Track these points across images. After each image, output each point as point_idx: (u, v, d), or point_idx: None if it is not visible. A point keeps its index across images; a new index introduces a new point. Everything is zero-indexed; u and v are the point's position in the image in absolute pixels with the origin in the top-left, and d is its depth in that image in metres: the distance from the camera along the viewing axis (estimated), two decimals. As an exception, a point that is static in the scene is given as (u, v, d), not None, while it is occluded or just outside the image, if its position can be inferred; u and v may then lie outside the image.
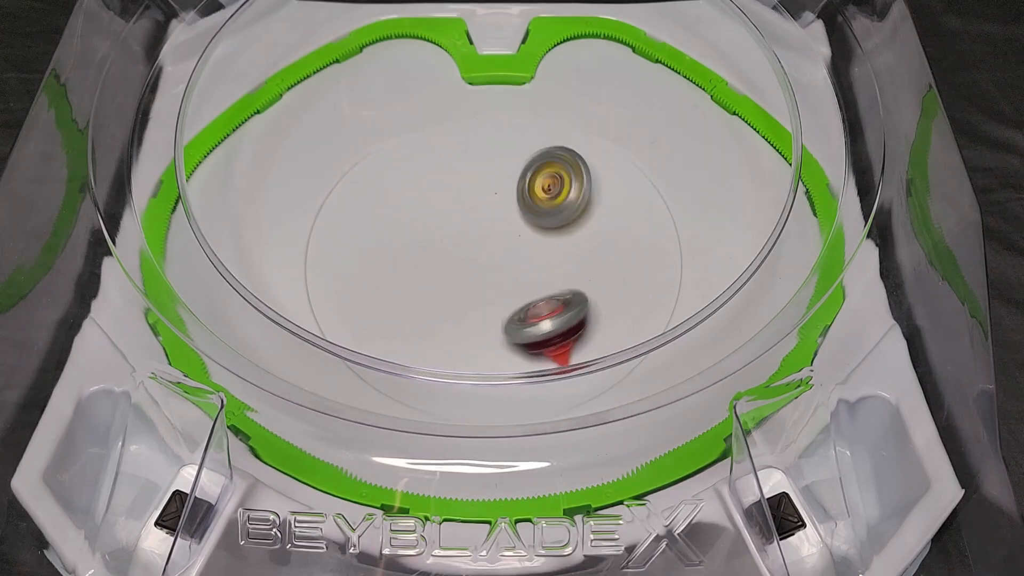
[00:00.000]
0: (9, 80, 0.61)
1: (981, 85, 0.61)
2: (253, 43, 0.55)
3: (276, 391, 0.40)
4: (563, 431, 0.39)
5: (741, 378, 0.40)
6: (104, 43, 0.51)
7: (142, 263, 0.45)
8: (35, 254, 0.45)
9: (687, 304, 0.46)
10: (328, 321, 0.46)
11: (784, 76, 0.49)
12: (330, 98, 0.55)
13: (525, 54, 0.56)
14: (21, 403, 0.41)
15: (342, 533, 0.38)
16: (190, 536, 0.38)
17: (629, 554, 0.37)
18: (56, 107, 0.48)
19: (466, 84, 0.55)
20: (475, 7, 0.56)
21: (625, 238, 0.49)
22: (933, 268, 0.44)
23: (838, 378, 0.41)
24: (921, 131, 0.47)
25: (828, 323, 0.43)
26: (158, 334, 0.44)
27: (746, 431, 0.38)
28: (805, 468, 0.39)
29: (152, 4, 0.54)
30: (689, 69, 0.54)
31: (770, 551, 0.37)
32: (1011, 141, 0.58)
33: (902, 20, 0.51)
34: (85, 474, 0.39)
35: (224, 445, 0.38)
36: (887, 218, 0.47)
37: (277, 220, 0.50)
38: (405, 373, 0.40)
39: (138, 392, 0.40)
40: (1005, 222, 0.55)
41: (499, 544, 0.38)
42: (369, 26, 0.56)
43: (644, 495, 0.39)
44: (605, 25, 0.56)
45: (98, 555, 0.37)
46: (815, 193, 0.49)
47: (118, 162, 0.48)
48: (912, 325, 0.43)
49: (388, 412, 0.40)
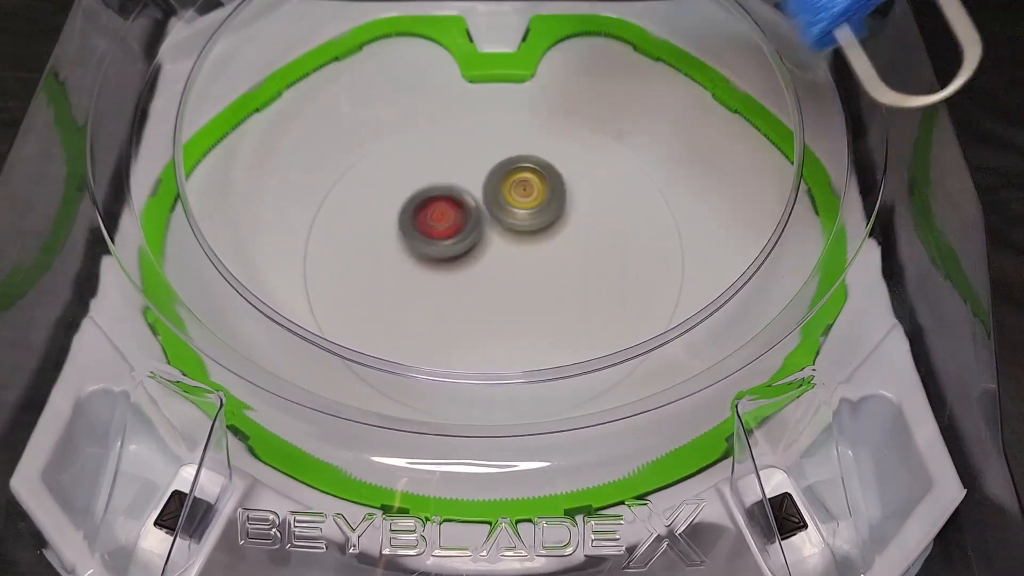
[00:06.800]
0: (7, 79, 0.61)
1: (983, 84, 0.61)
2: (252, 41, 0.55)
3: (276, 390, 0.40)
4: (563, 431, 0.39)
5: (743, 377, 0.40)
6: (103, 41, 0.51)
7: (141, 262, 0.45)
8: (33, 253, 0.45)
9: (688, 303, 0.46)
10: (328, 320, 0.46)
11: (786, 74, 0.49)
12: (330, 96, 0.54)
13: (525, 52, 0.55)
14: (19, 402, 0.41)
15: (342, 533, 0.37)
16: (189, 536, 0.37)
17: (630, 554, 0.37)
18: (54, 105, 0.48)
19: (466, 82, 0.55)
20: (475, 5, 0.56)
21: (625, 237, 0.49)
22: (936, 267, 0.44)
23: (840, 377, 0.41)
24: (923, 130, 0.47)
25: (830, 322, 0.43)
26: (157, 333, 0.43)
27: (748, 431, 0.38)
28: (807, 468, 0.39)
29: (151, 2, 0.54)
30: (690, 67, 0.54)
31: (772, 551, 0.37)
32: (1014, 140, 0.58)
33: (903, 18, 0.51)
34: (84, 474, 0.39)
35: (223, 445, 0.38)
36: (889, 217, 0.46)
37: (277, 218, 0.50)
38: (405, 372, 0.40)
39: (137, 391, 0.40)
40: (1008, 221, 0.55)
41: (499, 544, 0.38)
42: (369, 24, 0.56)
43: (645, 495, 0.39)
44: (606, 23, 0.56)
45: (97, 555, 0.37)
46: (817, 192, 0.49)
47: (117, 160, 0.48)
48: (914, 324, 0.43)
49: (388, 412, 0.40)
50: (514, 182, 0.49)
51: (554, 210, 0.49)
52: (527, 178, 0.49)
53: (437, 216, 0.48)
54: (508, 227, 0.49)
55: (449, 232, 0.48)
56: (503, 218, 0.48)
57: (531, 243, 0.49)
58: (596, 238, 0.49)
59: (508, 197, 0.49)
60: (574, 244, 0.49)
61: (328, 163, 0.52)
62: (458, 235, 0.48)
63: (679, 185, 0.51)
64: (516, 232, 0.49)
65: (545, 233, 0.49)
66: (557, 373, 0.39)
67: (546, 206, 0.49)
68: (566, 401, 0.42)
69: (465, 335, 0.46)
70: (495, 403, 0.42)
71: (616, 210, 0.50)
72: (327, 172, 0.51)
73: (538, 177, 0.49)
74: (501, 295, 0.47)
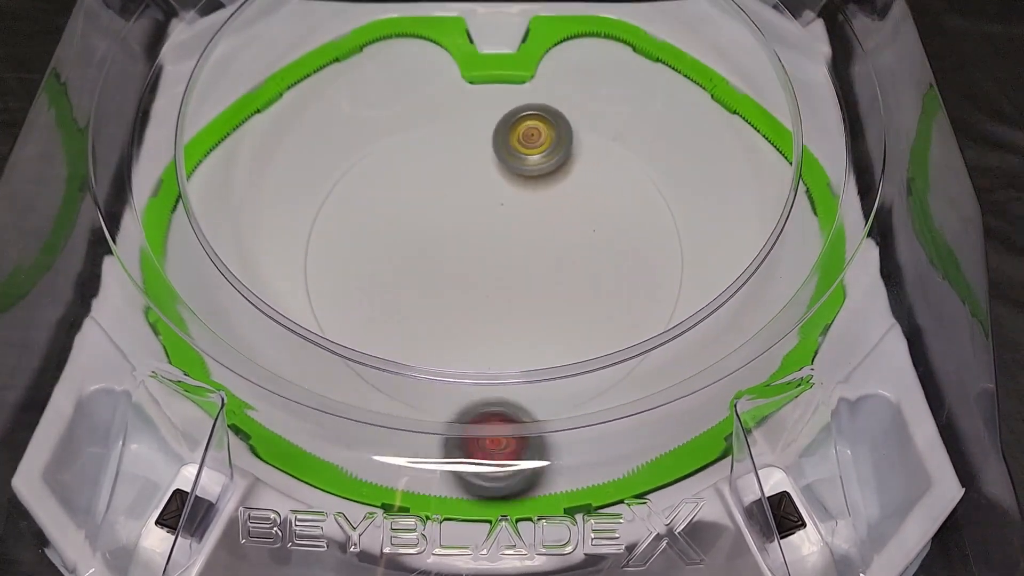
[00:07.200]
0: (9, 80, 0.61)
1: (982, 84, 0.61)
2: (253, 42, 0.55)
3: (277, 390, 0.40)
4: (563, 430, 0.39)
5: (742, 377, 0.40)
6: (104, 42, 0.51)
7: (142, 262, 0.45)
8: (35, 253, 0.45)
9: (687, 303, 0.46)
10: (328, 319, 0.46)
11: (785, 75, 0.49)
12: (330, 97, 0.55)
13: (525, 53, 0.56)
14: (21, 402, 0.41)
15: (343, 532, 0.38)
16: (191, 535, 0.38)
17: (630, 553, 0.37)
18: (56, 106, 0.48)
19: (466, 83, 0.55)
20: (475, 6, 0.56)
21: (625, 237, 0.49)
22: (934, 267, 0.44)
23: (839, 377, 0.41)
24: (922, 130, 0.47)
25: (829, 322, 0.43)
26: (158, 333, 0.44)
27: (747, 430, 0.38)
28: (806, 467, 0.39)
29: (152, 3, 0.54)
30: (690, 68, 0.54)
31: (771, 550, 0.37)
32: (1012, 141, 0.58)
33: (903, 19, 0.51)
34: (85, 473, 0.39)
35: (224, 444, 0.38)
36: (888, 217, 0.47)
37: (277, 218, 0.50)
38: (405, 372, 0.40)
39: (138, 391, 0.40)
40: (1006, 222, 0.55)
41: (500, 543, 0.38)
42: (369, 25, 0.56)
43: (645, 494, 0.39)
44: (605, 24, 0.56)
45: (98, 554, 0.37)
46: (815, 192, 0.49)
47: (118, 161, 0.48)
48: (913, 324, 0.43)
49: (388, 411, 0.40)
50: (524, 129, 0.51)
51: (563, 153, 0.50)
52: (534, 126, 0.51)
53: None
54: (518, 172, 0.51)
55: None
56: (513, 164, 0.51)
57: (532, 244, 0.49)
58: (596, 238, 0.49)
59: (516, 145, 0.51)
60: (574, 244, 0.49)
61: (329, 163, 0.52)
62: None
63: (678, 185, 0.51)
64: (526, 178, 0.51)
65: (546, 232, 0.49)
66: (557, 373, 0.39)
67: (554, 149, 0.51)
68: (566, 401, 0.42)
69: (465, 335, 0.46)
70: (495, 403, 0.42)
71: (616, 210, 0.50)
72: (328, 172, 0.52)
73: (545, 124, 0.51)
74: (501, 295, 0.47)
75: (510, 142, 0.51)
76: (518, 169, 0.51)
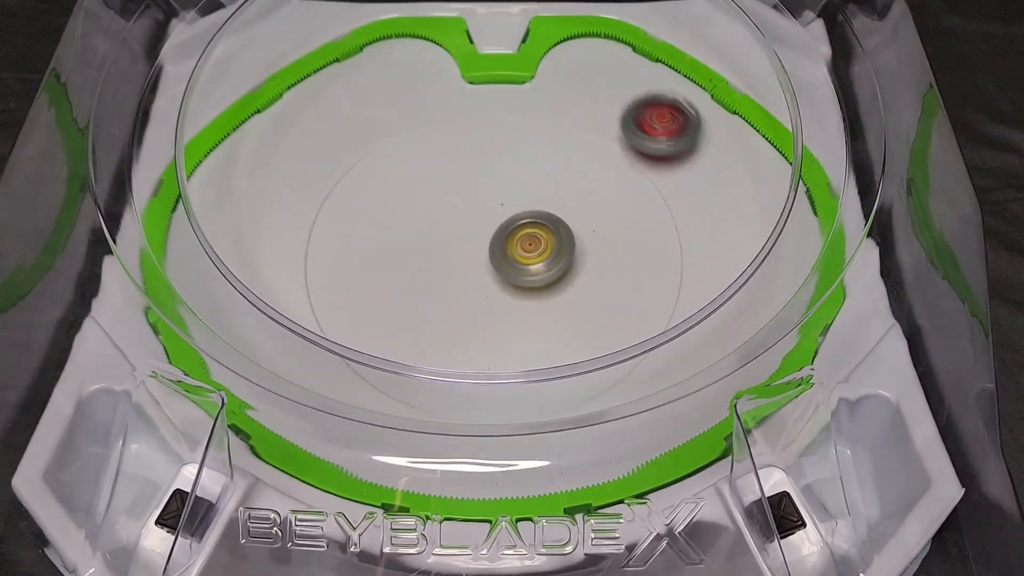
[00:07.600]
0: (9, 80, 0.61)
1: (982, 84, 0.61)
2: (253, 42, 0.55)
3: (277, 390, 0.40)
4: (563, 430, 0.39)
5: (742, 377, 0.40)
6: (104, 42, 0.51)
7: (142, 262, 0.45)
8: (35, 253, 0.45)
9: (687, 303, 0.46)
10: (328, 319, 0.46)
11: (784, 75, 0.49)
12: (330, 97, 0.55)
13: (525, 53, 0.56)
14: (21, 402, 0.41)
15: (343, 532, 0.38)
16: (191, 535, 0.38)
17: (630, 553, 0.37)
18: (56, 106, 0.48)
19: (466, 83, 0.55)
20: (475, 6, 0.56)
21: (625, 237, 0.49)
22: (934, 267, 0.44)
23: (839, 377, 0.41)
24: (921, 130, 0.47)
25: (829, 322, 0.43)
26: (158, 333, 0.44)
27: (747, 430, 0.38)
28: (806, 467, 0.39)
29: (152, 3, 0.54)
30: (689, 68, 0.54)
31: (771, 550, 0.37)
32: (1011, 141, 0.58)
33: (903, 19, 0.51)
34: (86, 473, 0.39)
35: (225, 444, 0.38)
36: (887, 217, 0.47)
37: (277, 219, 0.50)
38: (406, 372, 0.40)
39: (139, 391, 0.40)
40: (1005, 222, 0.55)
41: (500, 543, 0.38)
42: (369, 25, 0.56)
43: (645, 494, 0.39)
44: (605, 24, 0.56)
45: (99, 554, 0.37)
46: (815, 192, 0.49)
47: (118, 161, 0.48)
48: (913, 324, 0.43)
49: (388, 411, 0.40)
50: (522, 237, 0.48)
51: (564, 263, 0.47)
52: (534, 233, 0.48)
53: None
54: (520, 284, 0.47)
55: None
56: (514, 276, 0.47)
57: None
58: (596, 239, 0.49)
59: (515, 254, 0.47)
60: (574, 244, 0.49)
61: (329, 163, 0.52)
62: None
63: (678, 185, 0.51)
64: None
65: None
66: (557, 373, 0.39)
67: (556, 257, 0.47)
68: (566, 401, 0.42)
69: (465, 335, 0.46)
70: (495, 402, 0.42)
71: (616, 210, 0.50)
72: (328, 172, 0.52)
73: (544, 231, 0.48)
74: (501, 295, 0.47)
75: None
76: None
